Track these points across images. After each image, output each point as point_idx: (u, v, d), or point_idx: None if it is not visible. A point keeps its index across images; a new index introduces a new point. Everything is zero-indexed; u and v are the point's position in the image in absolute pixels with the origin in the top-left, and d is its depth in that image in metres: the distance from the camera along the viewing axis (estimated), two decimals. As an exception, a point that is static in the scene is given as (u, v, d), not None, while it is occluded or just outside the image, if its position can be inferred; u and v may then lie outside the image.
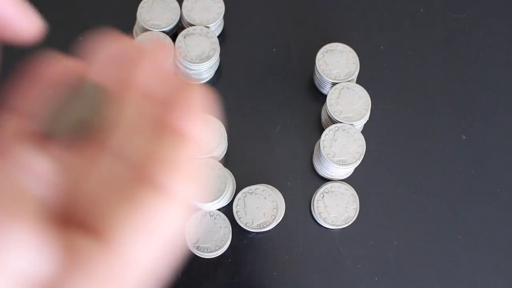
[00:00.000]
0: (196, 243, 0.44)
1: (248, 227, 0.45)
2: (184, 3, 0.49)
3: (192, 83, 0.21)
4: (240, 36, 0.52)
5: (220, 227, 0.45)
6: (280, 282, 0.45)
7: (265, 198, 0.45)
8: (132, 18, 0.49)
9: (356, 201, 0.46)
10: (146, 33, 0.48)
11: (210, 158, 0.45)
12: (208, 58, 0.47)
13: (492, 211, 0.47)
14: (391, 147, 0.49)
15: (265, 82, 0.50)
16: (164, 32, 0.48)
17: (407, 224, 0.47)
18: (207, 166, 0.21)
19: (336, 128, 0.45)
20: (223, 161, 0.47)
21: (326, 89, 0.49)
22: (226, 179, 0.44)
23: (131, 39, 0.21)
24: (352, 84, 0.47)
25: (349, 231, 0.46)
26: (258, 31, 0.52)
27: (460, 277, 0.46)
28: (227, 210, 0.46)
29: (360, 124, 0.47)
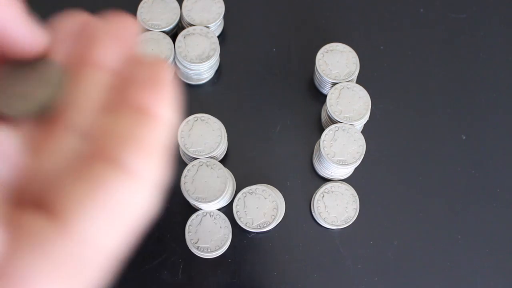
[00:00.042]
0: (196, 243, 0.44)
1: (248, 227, 0.45)
2: (184, 3, 0.49)
3: (157, 60, 0.20)
4: (240, 36, 0.52)
5: (220, 227, 0.45)
6: (280, 282, 0.45)
7: (265, 198, 0.45)
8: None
9: (356, 201, 0.46)
10: (146, 33, 0.48)
11: (210, 158, 0.45)
12: (208, 58, 0.47)
13: (492, 211, 0.47)
14: (391, 147, 0.49)
15: (265, 82, 0.50)
16: (164, 32, 0.48)
17: (407, 224, 0.47)
18: (169, 144, 0.20)
19: (336, 128, 0.45)
20: (223, 161, 0.47)
21: (326, 89, 0.49)
22: (226, 179, 0.44)
23: (96, 17, 0.21)
24: (352, 84, 0.47)
25: (349, 231, 0.46)
26: (258, 31, 0.52)
27: (460, 277, 0.46)
28: (227, 210, 0.46)
29: (360, 124, 0.47)
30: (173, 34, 0.49)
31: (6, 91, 0.19)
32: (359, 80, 0.48)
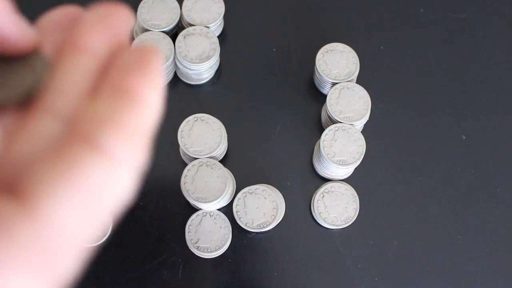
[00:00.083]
0: (196, 243, 0.44)
1: (248, 227, 0.45)
2: (184, 3, 0.49)
3: (147, 47, 0.20)
4: (240, 36, 0.52)
5: (220, 227, 0.45)
6: (280, 282, 0.45)
7: (265, 198, 0.45)
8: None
9: (356, 201, 0.46)
10: (146, 33, 0.48)
11: (210, 158, 0.45)
12: (208, 58, 0.47)
13: (492, 211, 0.47)
14: (391, 147, 0.49)
15: (265, 82, 0.50)
16: (164, 32, 0.48)
17: (407, 224, 0.47)
18: (152, 129, 0.19)
19: (336, 128, 0.45)
20: (223, 161, 0.47)
21: (326, 89, 0.49)
22: (226, 179, 0.44)
23: (82, 8, 0.20)
24: (352, 84, 0.47)
25: (349, 231, 0.46)
26: (258, 31, 0.52)
27: (460, 277, 0.46)
28: (227, 210, 0.46)
29: (360, 124, 0.47)
30: (173, 34, 0.49)
31: None
32: (359, 80, 0.48)
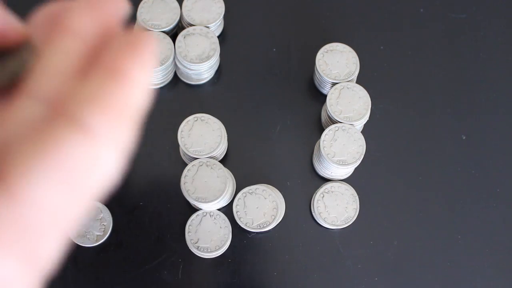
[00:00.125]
0: (196, 243, 0.44)
1: (248, 227, 0.45)
2: (184, 3, 0.49)
3: (139, 31, 0.19)
4: (240, 36, 0.52)
5: (220, 227, 0.45)
6: (280, 282, 0.45)
7: (265, 198, 0.45)
8: (132, 18, 0.49)
9: (356, 201, 0.46)
10: (146, 33, 0.48)
11: (210, 158, 0.45)
12: (208, 58, 0.47)
13: (492, 211, 0.47)
14: (391, 147, 0.49)
15: (265, 82, 0.50)
16: (164, 32, 0.48)
17: (407, 224, 0.47)
18: (140, 111, 0.19)
19: (336, 128, 0.45)
20: (223, 161, 0.47)
21: (326, 89, 0.49)
22: (226, 179, 0.44)
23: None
24: (352, 84, 0.47)
25: (349, 231, 0.46)
26: (258, 31, 0.52)
27: (460, 277, 0.46)
28: (227, 210, 0.46)
29: (360, 124, 0.47)
30: (173, 34, 0.49)
31: None
32: (359, 80, 0.48)
